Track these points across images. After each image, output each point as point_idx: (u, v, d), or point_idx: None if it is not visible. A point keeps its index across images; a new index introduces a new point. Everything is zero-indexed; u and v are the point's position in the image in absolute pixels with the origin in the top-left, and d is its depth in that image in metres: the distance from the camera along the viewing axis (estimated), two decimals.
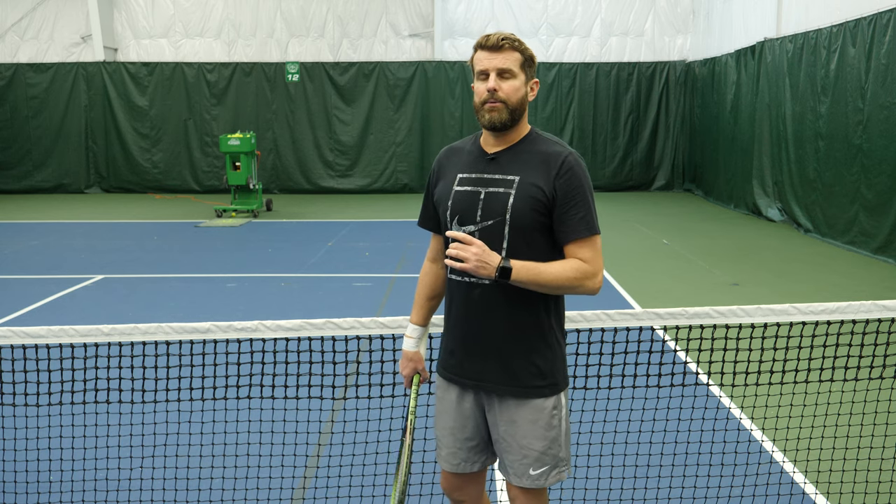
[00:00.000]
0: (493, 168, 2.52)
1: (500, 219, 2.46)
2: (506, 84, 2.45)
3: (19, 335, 3.15)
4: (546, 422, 2.53)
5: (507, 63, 2.45)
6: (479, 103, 2.48)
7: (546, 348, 2.54)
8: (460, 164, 2.60)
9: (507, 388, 2.53)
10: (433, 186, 2.68)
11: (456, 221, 2.53)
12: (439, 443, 2.74)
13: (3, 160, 18.84)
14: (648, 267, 9.89)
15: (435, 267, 2.78)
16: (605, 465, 3.97)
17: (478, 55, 2.49)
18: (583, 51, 18.77)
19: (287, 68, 18.67)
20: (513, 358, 2.51)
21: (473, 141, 2.65)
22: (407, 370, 2.81)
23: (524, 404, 2.52)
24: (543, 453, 2.54)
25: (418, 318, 2.81)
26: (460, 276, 2.55)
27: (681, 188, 18.88)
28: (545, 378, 2.53)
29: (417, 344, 2.80)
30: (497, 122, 2.47)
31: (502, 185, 2.48)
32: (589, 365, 3.52)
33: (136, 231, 13.30)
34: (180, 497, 3.81)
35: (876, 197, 10.30)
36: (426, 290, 2.79)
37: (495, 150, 2.55)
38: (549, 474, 2.56)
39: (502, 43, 2.44)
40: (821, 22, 12.13)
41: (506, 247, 2.46)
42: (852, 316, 3.23)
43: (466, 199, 2.52)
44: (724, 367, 5.04)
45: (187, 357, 3.60)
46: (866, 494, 3.82)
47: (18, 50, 19.00)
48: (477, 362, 2.56)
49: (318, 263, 10.29)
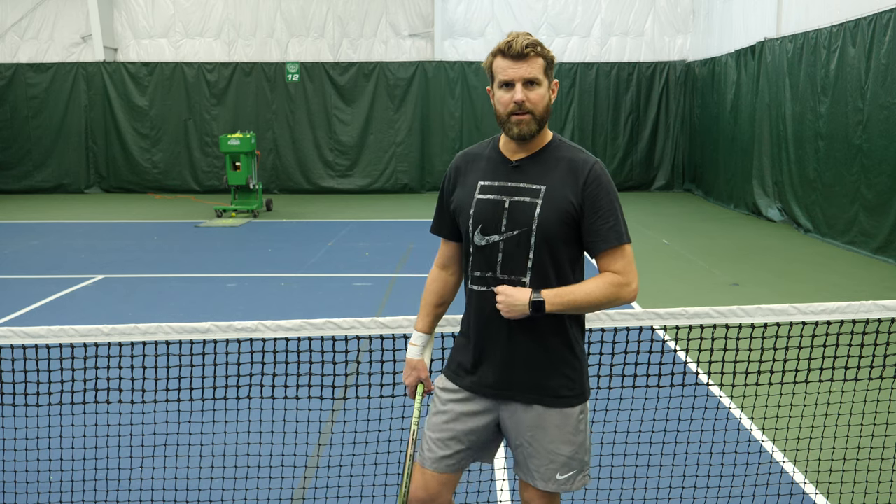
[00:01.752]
0: (517, 176, 2.45)
1: (527, 229, 2.41)
2: (532, 94, 2.37)
3: (19, 335, 3.15)
4: (573, 427, 2.52)
5: (533, 71, 2.36)
6: (505, 114, 2.40)
7: (574, 359, 2.53)
8: (481, 171, 2.53)
9: (536, 396, 2.50)
10: (449, 192, 2.60)
11: (479, 231, 2.47)
12: (431, 444, 2.64)
13: (3, 160, 18.83)
14: (648, 267, 9.89)
15: (445, 274, 2.72)
16: (605, 465, 3.96)
17: (500, 63, 2.38)
18: (583, 51, 18.77)
19: (287, 68, 18.67)
20: (542, 370, 2.48)
21: (492, 146, 2.58)
22: (410, 379, 2.76)
23: (552, 411, 2.50)
24: (571, 458, 2.53)
25: (424, 325, 2.74)
26: (485, 286, 2.48)
27: (681, 188, 18.88)
28: (573, 388, 2.53)
29: (422, 352, 2.75)
30: (526, 134, 2.41)
31: (528, 195, 2.42)
32: (589, 365, 3.51)
33: (136, 231, 13.29)
34: (180, 497, 3.81)
35: (876, 197, 10.30)
36: (434, 297, 2.73)
37: (518, 156, 2.49)
38: (575, 479, 2.56)
39: (527, 51, 2.34)
40: (821, 22, 12.13)
41: (531, 257, 2.42)
42: (852, 316, 3.23)
43: (490, 208, 2.45)
44: (724, 367, 5.03)
45: (187, 357, 3.60)
46: (866, 494, 3.82)
47: (18, 50, 19.00)
48: (502, 373, 2.51)
49: (318, 263, 10.29)
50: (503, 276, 2.46)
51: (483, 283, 2.49)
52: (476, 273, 2.51)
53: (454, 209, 2.57)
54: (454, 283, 2.73)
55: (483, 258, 2.48)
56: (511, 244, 2.43)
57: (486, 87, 2.51)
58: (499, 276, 2.46)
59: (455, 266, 2.71)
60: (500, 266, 2.46)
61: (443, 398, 2.65)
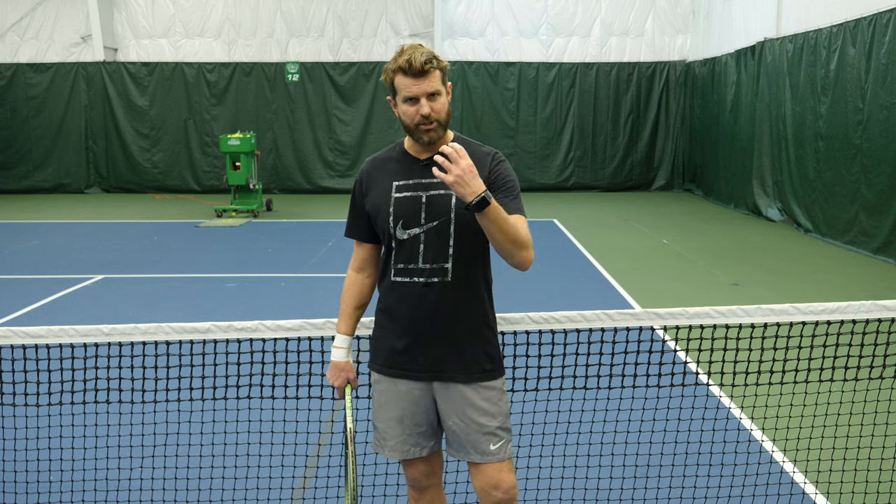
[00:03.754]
0: (429, 173, 2.62)
1: (446, 219, 2.61)
2: (436, 104, 2.57)
3: (19, 335, 3.15)
4: (498, 399, 2.72)
5: (434, 85, 2.55)
6: (413, 125, 2.58)
7: (492, 335, 2.76)
8: (393, 173, 2.70)
9: (464, 374, 2.69)
10: (363, 197, 2.76)
11: (400, 225, 2.64)
12: (384, 434, 2.81)
13: (3, 160, 18.84)
14: (648, 267, 9.89)
15: (361, 276, 2.86)
16: (605, 465, 3.97)
17: (402, 80, 2.55)
18: (583, 51, 18.77)
19: (287, 68, 18.68)
20: (467, 348, 2.68)
21: (398, 150, 2.75)
22: (339, 381, 2.90)
23: (478, 387, 2.70)
24: (500, 428, 2.72)
25: (347, 327, 2.89)
26: (408, 277, 2.65)
27: (681, 188, 18.88)
28: (493, 362, 2.73)
29: (347, 353, 2.89)
30: (436, 140, 2.61)
31: (443, 188, 2.61)
32: (589, 365, 3.52)
33: (136, 231, 13.29)
34: (180, 497, 3.81)
35: (876, 197, 10.30)
36: (354, 300, 2.87)
37: (427, 155, 2.66)
38: (505, 447, 2.73)
39: (427, 67, 2.52)
40: (821, 22, 12.13)
41: (452, 244, 2.62)
42: (852, 316, 3.23)
43: (408, 204, 2.64)
44: (724, 367, 5.03)
45: (187, 357, 3.60)
46: (866, 494, 3.82)
47: (18, 50, 19.00)
48: (431, 355, 2.68)
49: (318, 263, 10.29)
50: (425, 266, 2.64)
51: (406, 273, 2.67)
52: (399, 265, 2.68)
53: (370, 211, 2.73)
54: (371, 285, 2.88)
55: (405, 251, 2.66)
56: (431, 234, 2.62)
57: (387, 97, 2.69)
58: (421, 266, 2.64)
59: (371, 268, 2.86)
60: (421, 256, 2.64)
61: (379, 390, 2.82)
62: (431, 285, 2.64)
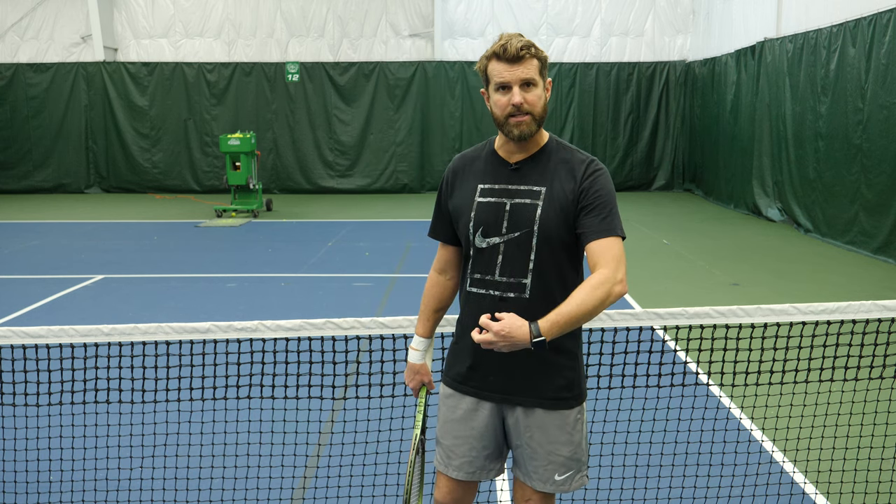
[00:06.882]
0: (517, 178, 2.46)
1: (528, 230, 2.41)
2: (530, 95, 2.37)
3: (19, 335, 3.15)
4: (571, 428, 2.54)
5: (529, 73, 2.36)
6: (503, 117, 2.40)
7: (571, 360, 2.53)
8: (479, 174, 2.53)
9: (536, 400, 2.51)
10: (448, 196, 2.60)
11: (480, 233, 2.47)
12: (449, 452, 2.65)
13: (3, 160, 18.84)
14: (648, 267, 9.89)
15: (443, 279, 2.72)
16: (605, 465, 3.97)
17: (495, 66, 2.38)
18: (583, 51, 18.77)
19: (287, 68, 18.67)
20: (542, 373, 2.49)
21: (488, 149, 2.58)
22: (414, 383, 2.77)
23: (551, 413, 2.52)
24: (569, 458, 2.55)
25: (425, 330, 2.74)
26: (484, 289, 2.49)
27: (681, 188, 18.88)
28: (572, 390, 2.54)
29: (424, 356, 2.75)
30: (527, 135, 2.41)
31: (529, 197, 2.43)
32: (589, 365, 3.51)
33: (136, 231, 13.29)
34: (180, 497, 3.81)
35: (876, 197, 10.30)
36: (433, 302, 2.73)
37: (517, 158, 2.49)
38: (573, 479, 2.58)
39: (522, 53, 2.34)
40: (821, 22, 12.13)
41: (533, 258, 2.42)
42: (852, 316, 3.23)
43: (490, 211, 2.46)
44: (724, 367, 5.03)
45: (187, 357, 3.60)
46: (866, 494, 3.82)
47: (18, 50, 19.00)
48: (503, 377, 2.51)
49: (318, 263, 10.29)
50: (502, 279, 2.46)
51: (482, 285, 2.49)
52: (475, 275, 2.51)
53: (453, 212, 2.57)
54: (452, 288, 2.73)
55: (483, 260, 2.48)
56: (511, 246, 2.43)
57: (480, 90, 2.52)
58: (498, 278, 2.46)
59: (453, 270, 2.70)
60: (499, 268, 2.46)
61: (449, 405, 2.65)
62: (507, 300, 2.43)
